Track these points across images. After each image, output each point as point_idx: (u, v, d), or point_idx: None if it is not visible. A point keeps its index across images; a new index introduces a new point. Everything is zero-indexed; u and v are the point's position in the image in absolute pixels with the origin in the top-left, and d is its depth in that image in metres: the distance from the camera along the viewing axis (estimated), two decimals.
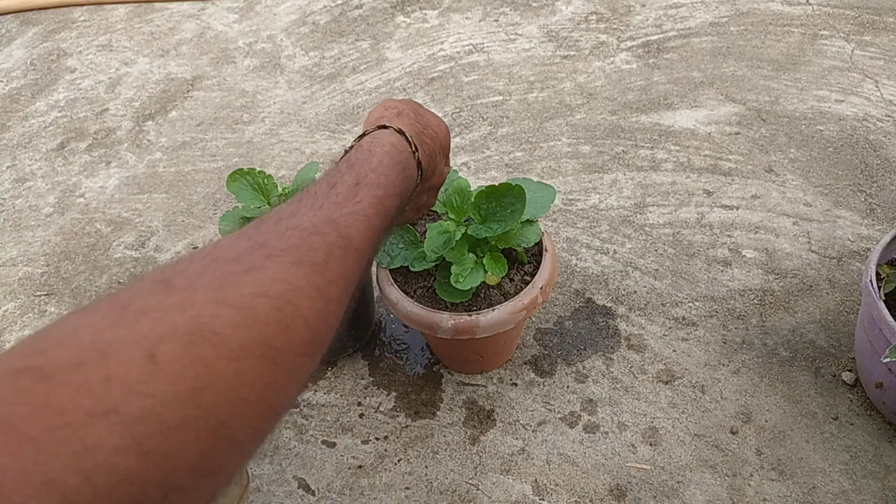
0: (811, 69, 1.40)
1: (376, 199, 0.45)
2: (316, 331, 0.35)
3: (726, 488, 0.83)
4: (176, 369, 0.27)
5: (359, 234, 0.42)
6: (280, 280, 0.34)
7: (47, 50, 1.74)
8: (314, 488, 0.87)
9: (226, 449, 0.29)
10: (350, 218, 0.42)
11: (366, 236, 0.42)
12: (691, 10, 1.60)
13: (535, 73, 1.48)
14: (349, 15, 1.73)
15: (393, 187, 0.49)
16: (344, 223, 0.41)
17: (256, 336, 0.31)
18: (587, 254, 1.10)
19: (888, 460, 0.84)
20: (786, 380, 0.92)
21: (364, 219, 0.43)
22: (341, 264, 0.38)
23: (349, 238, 0.40)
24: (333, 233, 0.40)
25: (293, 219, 0.40)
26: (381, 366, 0.99)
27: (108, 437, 0.25)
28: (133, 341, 0.28)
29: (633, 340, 0.98)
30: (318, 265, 0.37)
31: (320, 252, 0.38)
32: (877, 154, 1.21)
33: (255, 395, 0.30)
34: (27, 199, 1.34)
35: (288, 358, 0.33)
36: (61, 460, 0.23)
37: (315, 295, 0.35)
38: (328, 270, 0.37)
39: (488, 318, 0.80)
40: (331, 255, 0.38)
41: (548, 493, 0.84)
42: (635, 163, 1.24)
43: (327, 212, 0.41)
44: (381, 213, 0.45)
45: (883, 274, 0.83)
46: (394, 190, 0.49)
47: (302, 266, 0.36)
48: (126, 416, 0.25)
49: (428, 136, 0.59)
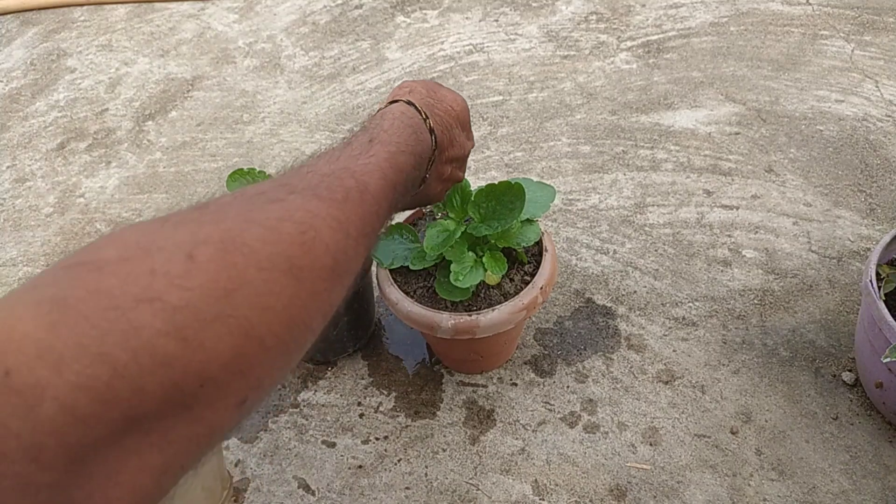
0: (811, 69, 1.40)
1: (389, 153, 0.48)
2: (336, 258, 0.37)
3: (726, 488, 0.83)
4: (211, 269, 0.30)
5: (374, 182, 0.44)
6: (303, 209, 0.37)
7: (47, 50, 1.74)
8: (314, 488, 0.87)
9: (255, 351, 0.32)
10: (365, 167, 0.45)
11: (381, 185, 0.45)
12: (691, 10, 1.60)
13: (535, 73, 1.48)
14: (349, 15, 1.73)
15: (405, 145, 0.51)
16: (360, 171, 0.44)
17: (282, 252, 0.34)
18: (587, 254, 1.10)
19: (888, 460, 0.84)
20: (786, 380, 0.92)
21: (378, 169, 0.46)
22: (359, 206, 0.41)
23: (365, 184, 0.43)
24: (350, 178, 0.42)
25: (313, 166, 0.43)
26: (381, 366, 0.99)
27: (152, 321, 0.27)
28: (174, 243, 0.31)
29: (633, 340, 0.98)
30: (338, 202, 0.39)
31: (339, 191, 0.40)
32: (877, 154, 1.21)
33: (281, 306, 0.33)
34: (27, 199, 1.34)
35: (310, 277, 0.35)
36: (112, 337, 0.26)
37: (335, 225, 0.38)
38: (347, 208, 0.40)
39: (488, 318, 0.80)
40: (348, 196, 0.41)
41: (548, 493, 0.84)
42: (635, 163, 1.24)
43: (344, 162, 0.45)
44: (395, 167, 0.48)
45: (883, 274, 0.83)
46: (406, 148, 0.51)
47: (322, 200, 0.39)
48: (168, 304, 0.28)
49: (441, 108, 0.62)
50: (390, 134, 0.51)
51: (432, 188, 0.66)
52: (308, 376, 0.99)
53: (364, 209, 0.41)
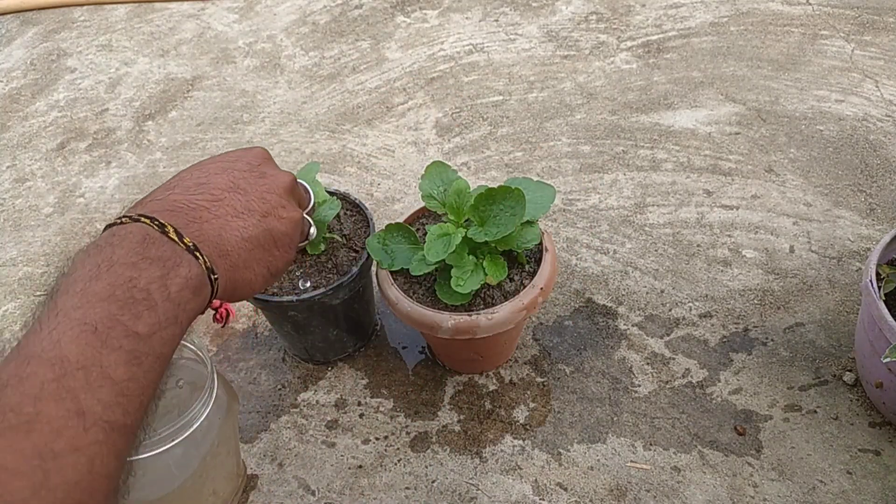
0: (811, 69, 1.40)
1: (79, 295, 0.36)
2: (55, 494, 0.30)
3: (726, 488, 0.83)
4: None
5: (76, 349, 0.34)
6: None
7: (47, 50, 1.74)
8: (314, 488, 0.87)
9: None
10: (55, 335, 0.34)
11: (85, 344, 0.34)
12: (691, 10, 1.60)
13: (535, 73, 1.48)
14: (349, 15, 1.73)
15: (119, 290, 0.37)
16: (50, 347, 0.34)
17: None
18: (587, 254, 1.10)
19: (888, 460, 0.84)
20: (786, 380, 0.92)
21: (75, 325, 0.35)
22: (60, 402, 0.32)
23: (63, 361, 0.33)
24: (39, 368, 0.33)
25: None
26: (381, 366, 0.99)
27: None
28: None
29: (633, 340, 0.98)
30: (25, 424, 0.31)
31: (24, 404, 0.31)
32: (877, 154, 1.21)
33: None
34: (27, 199, 1.34)
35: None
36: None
37: (28, 467, 0.30)
38: (41, 422, 0.31)
39: (488, 318, 0.80)
40: (40, 399, 0.32)
41: (548, 493, 0.84)
42: (635, 163, 1.24)
43: (26, 346, 0.34)
44: (98, 304, 0.36)
45: (883, 274, 0.83)
46: (113, 279, 0.37)
47: (2, 437, 0.30)
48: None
49: (202, 199, 0.45)
50: (89, 277, 0.37)
51: (243, 289, 0.47)
52: (308, 376, 0.99)
53: (73, 402, 0.32)
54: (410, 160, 1.31)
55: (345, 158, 1.33)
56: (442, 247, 0.77)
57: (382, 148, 1.34)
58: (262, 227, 0.47)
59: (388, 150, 1.34)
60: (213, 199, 0.46)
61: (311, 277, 0.88)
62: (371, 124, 1.40)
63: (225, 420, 0.74)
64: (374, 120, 1.41)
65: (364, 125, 1.40)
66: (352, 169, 1.31)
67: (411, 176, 1.27)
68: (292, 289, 0.87)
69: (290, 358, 1.02)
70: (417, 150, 1.33)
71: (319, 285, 0.86)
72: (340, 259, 0.89)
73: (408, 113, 1.42)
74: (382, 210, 1.22)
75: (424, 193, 0.83)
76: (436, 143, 1.34)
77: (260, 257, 0.47)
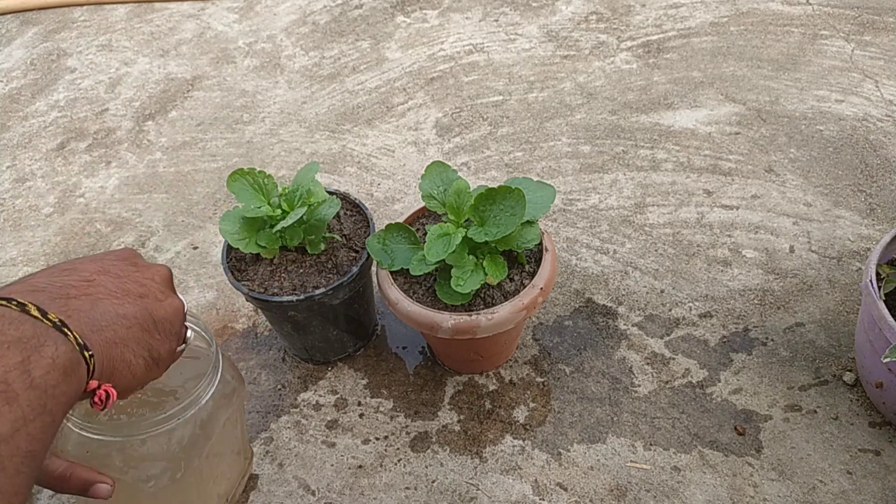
0: (811, 69, 1.40)
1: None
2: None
3: (726, 488, 0.83)
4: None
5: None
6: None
7: (47, 50, 1.74)
8: (314, 488, 0.87)
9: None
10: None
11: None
12: (691, 10, 1.60)
13: (535, 73, 1.48)
14: (349, 15, 1.73)
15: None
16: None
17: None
18: (587, 254, 1.10)
19: (888, 460, 0.84)
20: (786, 380, 0.92)
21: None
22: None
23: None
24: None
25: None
26: (381, 366, 0.99)
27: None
28: None
29: (633, 340, 0.98)
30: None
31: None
32: (877, 154, 1.21)
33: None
34: (27, 199, 1.34)
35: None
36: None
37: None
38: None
39: (488, 318, 0.80)
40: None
41: (548, 493, 0.84)
42: (635, 163, 1.24)
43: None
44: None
45: (883, 274, 0.83)
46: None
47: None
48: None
49: (70, 279, 0.41)
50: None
51: (122, 371, 0.42)
52: (308, 376, 0.99)
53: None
54: (410, 160, 1.31)
55: (345, 158, 1.33)
56: (442, 247, 0.77)
57: (382, 148, 1.34)
58: (139, 307, 0.43)
59: (388, 150, 1.34)
60: (83, 279, 0.41)
61: (309, 276, 0.88)
62: (371, 124, 1.40)
63: (233, 405, 0.75)
64: (374, 120, 1.41)
65: (364, 125, 1.40)
66: (352, 169, 1.31)
67: (411, 176, 1.27)
68: (292, 289, 0.87)
69: (290, 358, 1.02)
70: (417, 150, 1.33)
71: (319, 285, 0.86)
72: (340, 259, 0.89)
73: (408, 113, 1.42)
74: (382, 210, 1.22)
75: (424, 193, 0.83)
76: (436, 143, 1.34)
77: (139, 337, 0.42)
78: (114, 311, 0.41)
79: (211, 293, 1.12)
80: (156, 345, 0.44)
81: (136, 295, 0.43)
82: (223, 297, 1.11)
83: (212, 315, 1.08)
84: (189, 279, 1.14)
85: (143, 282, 0.45)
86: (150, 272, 0.47)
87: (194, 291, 1.12)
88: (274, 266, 0.89)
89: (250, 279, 0.88)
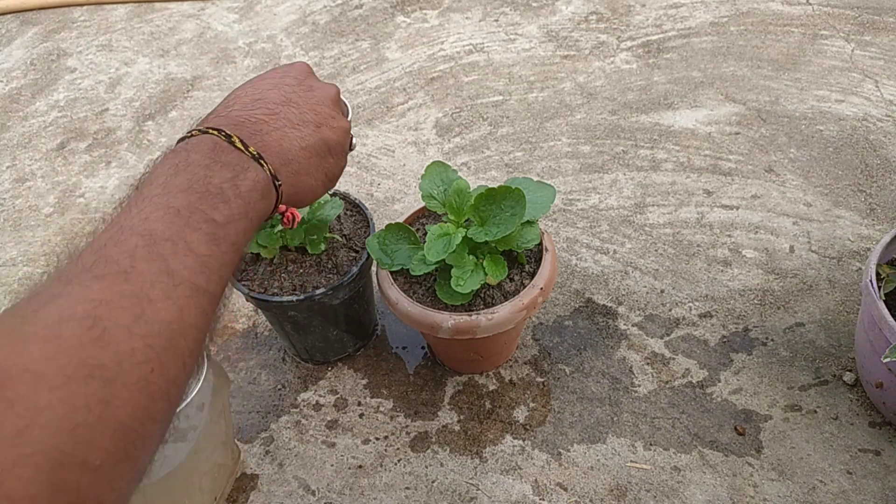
0: (811, 69, 1.40)
1: (167, 188, 0.40)
2: (147, 335, 0.33)
3: (726, 488, 0.83)
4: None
5: (162, 225, 0.38)
6: (83, 300, 0.33)
7: (47, 50, 1.74)
8: (314, 488, 0.87)
9: (78, 477, 0.29)
10: (143, 214, 0.38)
11: (170, 222, 0.38)
12: (691, 10, 1.60)
13: (535, 73, 1.48)
14: (349, 15, 1.73)
15: (195, 175, 0.42)
16: (139, 223, 0.38)
17: (72, 360, 0.30)
18: (587, 254, 1.10)
19: (888, 460, 0.84)
20: (786, 380, 0.92)
21: (162, 207, 0.39)
22: (151, 262, 0.36)
23: (152, 233, 0.37)
24: (132, 237, 0.37)
25: (90, 242, 0.37)
26: (381, 366, 0.99)
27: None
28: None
29: (633, 340, 0.98)
30: (122, 273, 0.35)
31: (121, 259, 0.35)
32: (877, 154, 1.21)
33: (94, 417, 0.30)
34: (27, 199, 1.34)
35: (122, 370, 0.32)
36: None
37: (128, 303, 0.34)
38: (137, 274, 0.35)
39: (488, 318, 0.80)
40: (134, 258, 0.36)
41: (548, 493, 0.84)
42: (635, 163, 1.24)
43: (118, 220, 0.38)
44: (188, 194, 0.40)
45: (883, 274, 0.83)
46: (186, 174, 0.42)
47: (104, 280, 0.34)
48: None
49: (284, 118, 0.49)
50: (168, 173, 0.41)
51: (302, 191, 0.52)
52: (308, 376, 0.99)
53: (159, 263, 0.36)
54: (410, 160, 1.31)
55: None
56: (442, 247, 0.77)
57: (382, 148, 1.34)
58: (317, 137, 0.51)
59: (388, 150, 1.34)
60: (270, 112, 0.49)
61: (309, 276, 0.88)
62: (371, 124, 1.40)
63: (216, 404, 0.75)
64: (374, 120, 1.41)
65: (364, 125, 1.40)
66: (352, 169, 1.31)
67: (411, 176, 1.27)
68: (292, 289, 0.87)
69: (290, 358, 1.02)
70: (417, 150, 1.33)
71: (319, 285, 0.86)
72: (340, 259, 0.89)
73: (408, 113, 1.42)
74: (382, 210, 1.22)
75: (424, 193, 0.83)
76: (436, 143, 1.34)
77: (318, 164, 0.51)
78: (298, 145, 0.49)
79: None
80: (330, 167, 0.53)
81: (313, 125, 0.51)
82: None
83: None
84: None
85: (318, 109, 0.53)
86: (324, 95, 0.54)
87: None
88: (274, 266, 0.89)
89: (250, 279, 0.88)
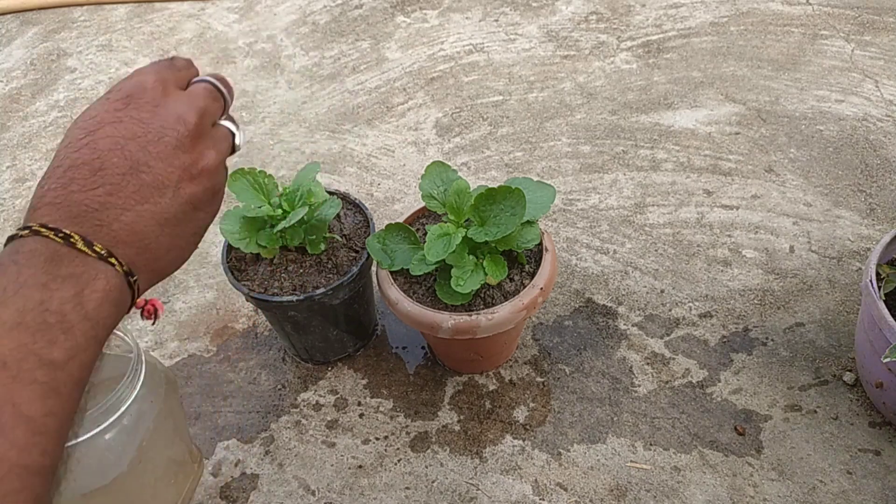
0: (811, 69, 1.40)
1: None
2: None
3: (726, 488, 0.83)
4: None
5: None
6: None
7: (47, 50, 1.74)
8: (314, 488, 0.87)
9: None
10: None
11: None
12: (691, 10, 1.60)
13: (535, 73, 1.48)
14: (349, 15, 1.73)
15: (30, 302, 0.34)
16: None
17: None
18: (587, 254, 1.10)
19: (888, 460, 0.84)
20: (786, 380, 0.92)
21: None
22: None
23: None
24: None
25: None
26: (381, 366, 0.99)
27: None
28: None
29: (633, 340, 0.98)
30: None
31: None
32: (877, 154, 1.21)
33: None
34: (27, 199, 1.34)
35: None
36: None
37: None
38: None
39: (488, 318, 0.80)
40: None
41: (548, 493, 0.84)
42: (635, 163, 1.24)
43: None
44: (7, 334, 0.33)
45: (883, 274, 0.83)
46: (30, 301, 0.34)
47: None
48: None
49: (103, 192, 0.39)
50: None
51: (171, 267, 0.43)
52: (308, 376, 0.99)
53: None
54: (410, 160, 1.31)
55: (345, 158, 1.33)
56: (442, 247, 0.77)
57: (382, 148, 1.34)
58: (179, 201, 0.41)
59: (388, 150, 1.34)
60: (116, 187, 0.39)
61: (309, 276, 0.88)
62: (371, 124, 1.40)
63: (162, 404, 0.74)
64: (374, 120, 1.41)
65: (364, 125, 1.40)
66: (352, 169, 1.31)
67: (411, 176, 1.27)
68: (292, 289, 0.87)
69: (290, 358, 1.02)
70: (417, 150, 1.33)
71: (319, 285, 0.86)
72: (340, 259, 0.89)
73: (408, 113, 1.42)
74: (382, 210, 1.22)
75: (424, 193, 0.83)
76: (436, 143, 1.34)
77: (183, 231, 0.42)
78: (154, 221, 0.40)
79: (211, 293, 1.12)
80: (201, 221, 0.44)
81: (172, 186, 0.41)
82: (223, 297, 1.11)
83: (212, 315, 1.08)
84: (189, 279, 1.14)
85: (174, 161, 0.41)
86: (178, 133, 0.42)
87: (194, 291, 1.12)
88: (274, 266, 0.89)
89: (250, 279, 0.88)
